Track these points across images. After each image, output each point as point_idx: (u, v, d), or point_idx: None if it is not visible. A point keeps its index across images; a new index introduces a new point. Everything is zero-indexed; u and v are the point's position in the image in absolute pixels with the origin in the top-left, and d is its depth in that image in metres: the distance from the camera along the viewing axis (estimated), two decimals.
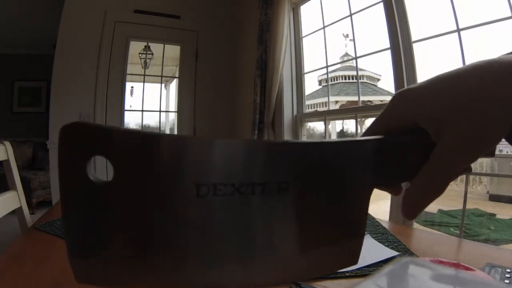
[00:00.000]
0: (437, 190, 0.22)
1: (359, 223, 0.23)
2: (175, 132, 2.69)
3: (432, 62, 1.64)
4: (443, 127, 0.20)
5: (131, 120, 2.71)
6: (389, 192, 0.26)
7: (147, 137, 0.18)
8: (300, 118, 2.18)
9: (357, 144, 0.22)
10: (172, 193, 0.18)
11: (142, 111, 2.70)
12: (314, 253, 0.21)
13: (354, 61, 1.86)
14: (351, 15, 1.81)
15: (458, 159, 0.21)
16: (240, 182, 0.19)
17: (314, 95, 2.76)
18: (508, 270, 0.42)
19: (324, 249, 0.22)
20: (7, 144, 0.84)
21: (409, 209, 0.23)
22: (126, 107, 2.51)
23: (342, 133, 3.17)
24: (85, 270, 0.18)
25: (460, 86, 0.20)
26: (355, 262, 0.23)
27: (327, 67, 2.05)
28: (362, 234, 0.23)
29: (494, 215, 3.75)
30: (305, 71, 2.19)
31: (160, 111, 2.79)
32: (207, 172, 0.19)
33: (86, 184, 0.17)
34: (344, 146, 0.22)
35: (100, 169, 0.20)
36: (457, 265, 0.37)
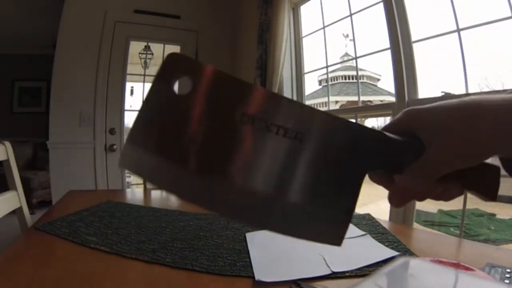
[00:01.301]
0: (426, 180, 0.27)
1: (351, 202, 0.26)
2: None
3: (432, 62, 1.64)
4: (434, 138, 0.27)
5: (131, 120, 2.70)
6: (383, 184, 0.29)
7: (216, 76, 0.24)
8: None
9: (373, 131, 0.27)
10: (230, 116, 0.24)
11: None
12: (315, 208, 0.25)
13: (354, 61, 1.86)
14: (351, 15, 1.81)
15: (441, 160, 0.27)
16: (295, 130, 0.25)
17: (314, 95, 2.76)
18: (508, 270, 0.42)
19: (321, 211, 0.26)
20: (7, 144, 0.84)
21: (396, 195, 0.28)
22: (126, 107, 2.51)
23: None
24: (129, 157, 0.24)
25: (450, 118, 0.27)
26: (339, 243, 0.26)
27: (327, 67, 2.05)
28: (350, 215, 0.26)
29: (494, 215, 3.75)
30: (305, 71, 2.19)
31: None
32: (274, 113, 0.24)
33: (170, 94, 0.24)
34: (366, 130, 0.27)
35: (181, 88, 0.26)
36: (457, 265, 0.37)
